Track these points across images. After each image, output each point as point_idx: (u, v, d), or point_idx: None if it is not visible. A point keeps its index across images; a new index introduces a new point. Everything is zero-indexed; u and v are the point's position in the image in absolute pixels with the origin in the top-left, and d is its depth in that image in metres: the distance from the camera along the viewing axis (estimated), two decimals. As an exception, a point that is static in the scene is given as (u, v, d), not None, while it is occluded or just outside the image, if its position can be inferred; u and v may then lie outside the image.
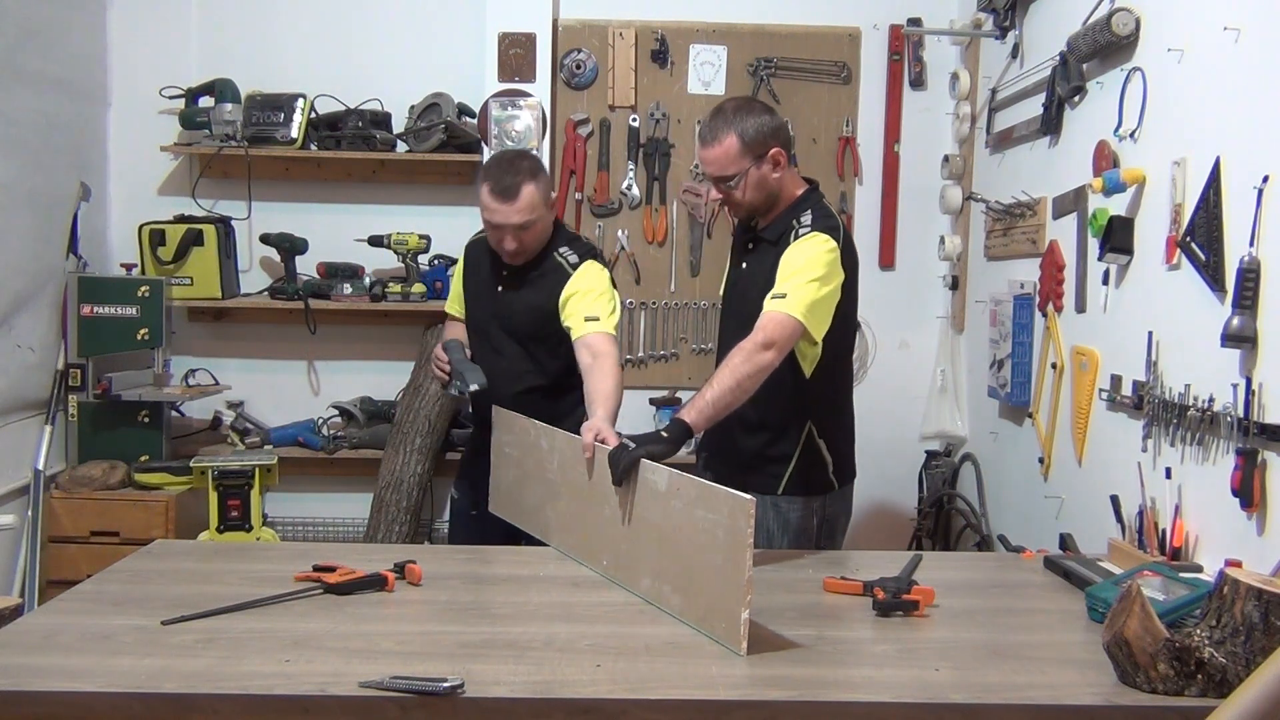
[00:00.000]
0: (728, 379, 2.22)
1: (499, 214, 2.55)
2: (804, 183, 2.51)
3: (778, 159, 2.40)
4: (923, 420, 3.88)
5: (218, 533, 3.15)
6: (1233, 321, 1.99)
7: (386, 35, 3.89)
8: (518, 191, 2.53)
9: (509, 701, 1.59)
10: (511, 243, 2.58)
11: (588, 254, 2.70)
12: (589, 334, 2.54)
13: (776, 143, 2.40)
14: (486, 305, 2.76)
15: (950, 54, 3.86)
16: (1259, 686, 1.36)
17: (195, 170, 3.87)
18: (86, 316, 3.53)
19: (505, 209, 2.54)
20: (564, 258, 2.67)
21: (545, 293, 2.64)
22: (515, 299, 2.70)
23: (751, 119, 2.38)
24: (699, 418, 2.21)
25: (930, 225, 3.89)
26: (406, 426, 3.67)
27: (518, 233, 2.57)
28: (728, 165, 2.38)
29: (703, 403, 2.22)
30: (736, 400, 2.23)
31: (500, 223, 2.56)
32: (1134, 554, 2.27)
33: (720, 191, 2.44)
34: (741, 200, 2.42)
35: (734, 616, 1.76)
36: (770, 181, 2.41)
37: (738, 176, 2.39)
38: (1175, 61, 2.31)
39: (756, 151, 2.37)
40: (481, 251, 2.79)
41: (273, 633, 1.83)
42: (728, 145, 2.37)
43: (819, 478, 2.50)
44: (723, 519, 1.80)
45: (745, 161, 2.37)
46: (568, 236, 2.77)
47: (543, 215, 2.61)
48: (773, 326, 2.25)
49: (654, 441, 2.14)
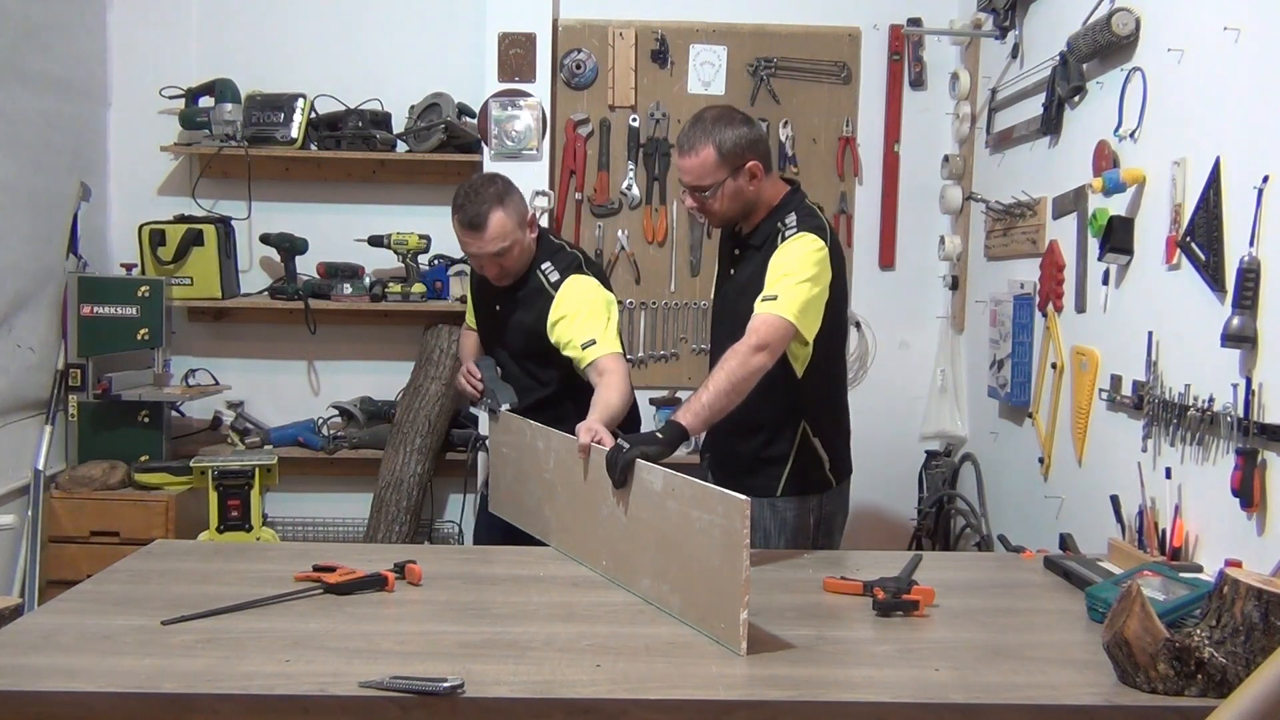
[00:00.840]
0: (723, 381, 2.22)
1: (472, 245, 2.59)
2: (784, 185, 2.50)
3: (754, 171, 2.39)
4: (923, 420, 3.88)
5: (218, 533, 3.15)
6: (1233, 321, 1.99)
7: (386, 35, 3.89)
8: (485, 221, 2.55)
9: (509, 701, 1.59)
10: (493, 269, 2.62)
11: (570, 268, 2.68)
12: (595, 359, 2.53)
13: (754, 155, 2.39)
14: (486, 322, 2.83)
15: (950, 54, 3.86)
16: (1259, 686, 1.36)
17: (195, 170, 3.87)
18: (86, 316, 3.53)
19: (477, 240, 2.57)
20: (545, 276, 2.66)
21: (533, 314, 2.67)
22: (508, 319, 2.74)
23: (730, 130, 2.36)
24: (694, 420, 2.21)
25: (930, 225, 3.89)
26: (406, 426, 3.67)
27: (495, 259, 2.60)
28: (704, 176, 2.38)
29: (698, 405, 2.22)
30: (731, 402, 2.24)
31: (476, 253, 2.60)
32: (1134, 554, 2.27)
33: (695, 200, 2.43)
34: (716, 210, 2.43)
35: (733, 617, 1.76)
36: (746, 193, 2.41)
37: (713, 187, 2.38)
38: (1175, 61, 2.31)
39: (733, 164, 2.37)
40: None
41: (273, 633, 1.83)
42: (704, 156, 2.36)
43: (816, 476, 2.51)
44: (719, 519, 1.80)
45: (722, 173, 2.37)
46: (550, 249, 2.73)
47: (518, 238, 2.61)
48: (765, 329, 2.26)
49: (649, 442, 2.14)
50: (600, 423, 2.31)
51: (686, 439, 2.22)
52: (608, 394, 2.43)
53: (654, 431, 2.20)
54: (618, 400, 2.43)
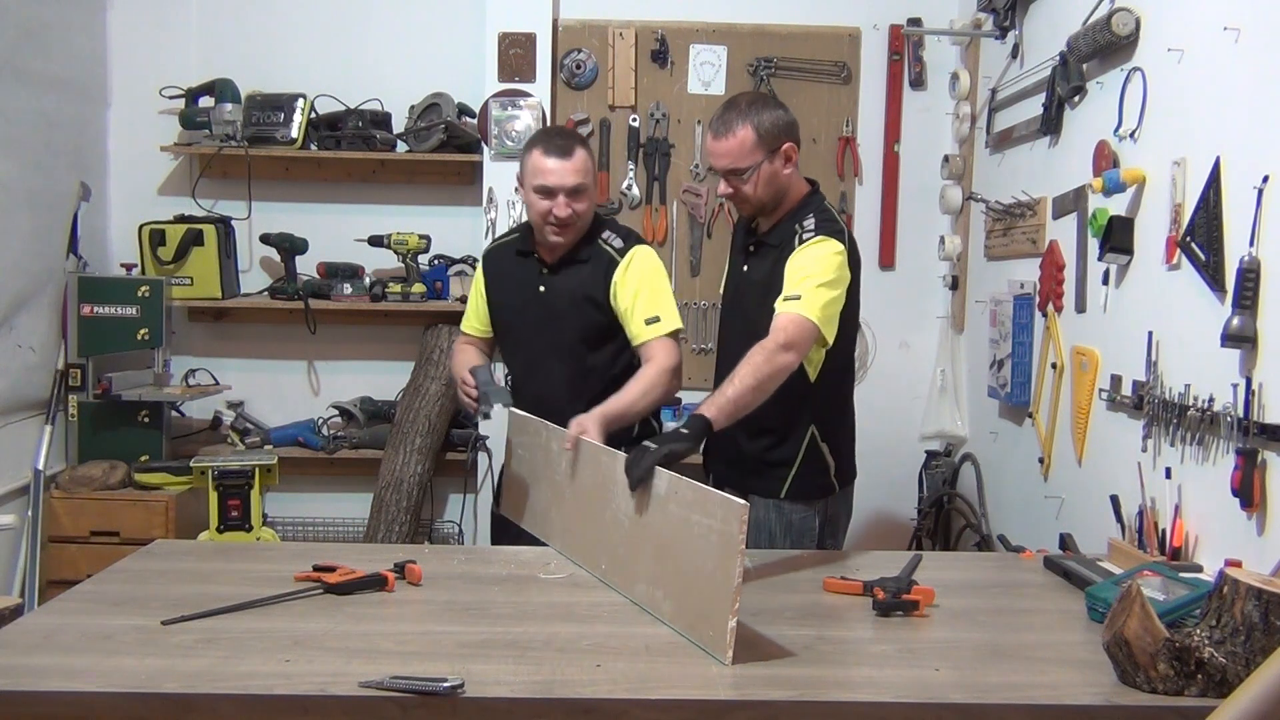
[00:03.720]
0: (749, 378, 2.16)
1: (554, 175, 2.43)
2: (807, 184, 2.50)
3: (789, 154, 2.39)
4: (923, 420, 3.88)
5: (218, 533, 3.14)
6: (1233, 321, 1.99)
7: (386, 35, 3.89)
8: (573, 150, 2.45)
9: (509, 701, 1.59)
10: (565, 209, 2.45)
11: (632, 237, 2.59)
12: (649, 340, 2.48)
13: (789, 138, 2.39)
14: (528, 309, 2.61)
15: (950, 54, 3.86)
16: (1259, 686, 1.36)
17: (195, 170, 3.87)
18: (86, 316, 3.53)
19: (561, 167, 2.43)
20: (608, 244, 2.55)
21: (592, 282, 2.53)
22: (560, 294, 2.55)
23: (767, 112, 2.36)
24: (719, 414, 2.14)
25: (930, 225, 3.89)
26: (406, 426, 3.67)
27: (572, 197, 2.45)
28: (741, 158, 2.34)
29: (723, 399, 2.15)
30: (757, 400, 2.18)
31: (555, 185, 2.43)
32: (1134, 554, 2.27)
33: (730, 185, 2.39)
34: (751, 195, 2.39)
35: (721, 624, 1.72)
36: (781, 177, 2.39)
37: (750, 169, 2.35)
38: (1175, 61, 2.31)
39: (771, 145, 2.36)
40: (507, 257, 2.67)
41: (273, 633, 1.82)
42: (743, 137, 2.33)
43: (821, 480, 2.50)
44: (716, 523, 1.78)
45: (759, 154, 2.35)
46: (608, 222, 2.64)
47: (592, 187, 2.50)
48: (793, 329, 2.22)
49: (676, 440, 2.05)
50: (601, 416, 2.27)
51: (711, 433, 2.14)
52: (632, 389, 2.38)
53: (678, 428, 2.13)
54: (639, 397, 2.38)
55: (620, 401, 2.37)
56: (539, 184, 2.46)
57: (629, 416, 2.40)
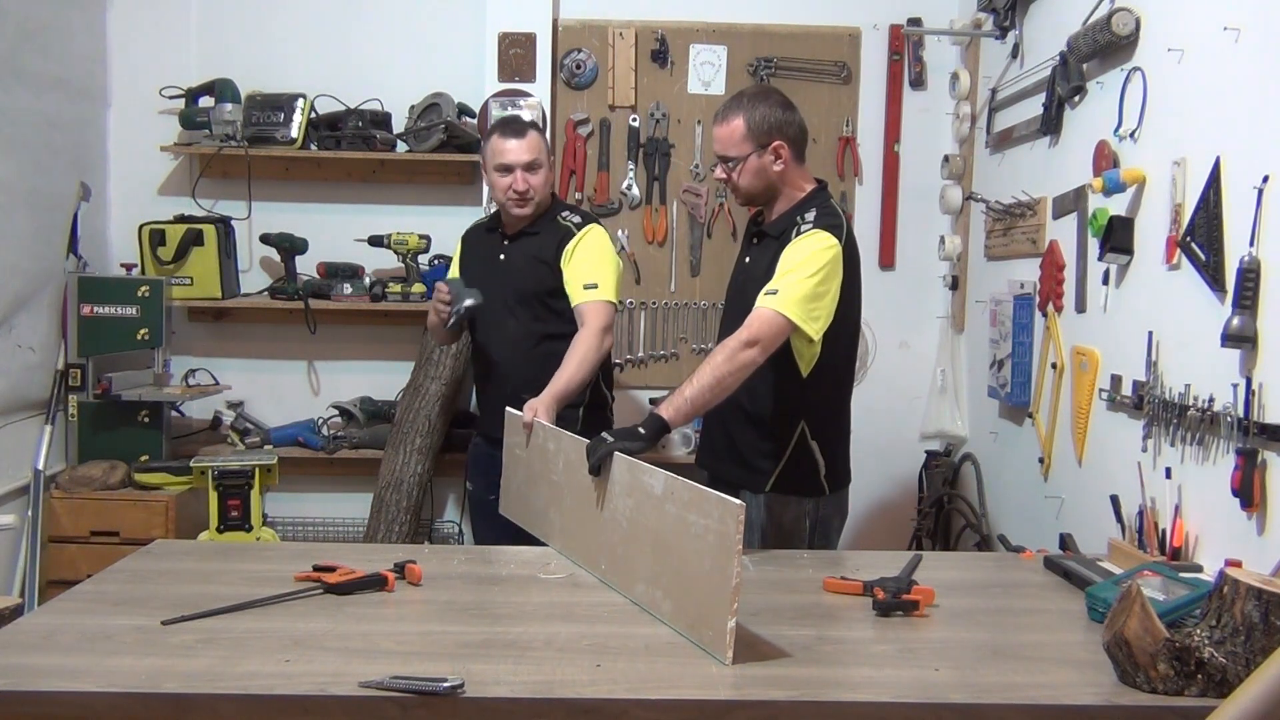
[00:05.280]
0: (707, 376, 2.25)
1: (511, 153, 2.72)
2: (813, 181, 2.51)
3: (779, 152, 2.42)
4: (923, 420, 3.88)
5: (218, 533, 3.15)
6: (1233, 321, 1.99)
7: (386, 35, 3.89)
8: (526, 131, 2.76)
9: (509, 701, 1.59)
10: (522, 183, 2.73)
11: (590, 219, 2.85)
12: (584, 303, 2.70)
13: (781, 137, 2.41)
14: (490, 275, 2.84)
15: (950, 54, 3.86)
16: (1259, 686, 1.36)
17: (195, 170, 3.87)
18: (86, 316, 3.53)
19: (517, 146, 2.72)
20: (567, 220, 2.82)
21: (549, 247, 2.78)
22: (518, 258, 2.82)
23: (762, 108, 2.41)
24: (676, 414, 2.24)
25: (930, 225, 3.89)
26: (406, 426, 3.67)
27: (529, 171, 2.73)
28: (730, 147, 2.44)
29: (680, 399, 2.25)
30: (715, 398, 2.26)
31: (513, 161, 2.72)
32: (1134, 554, 2.27)
33: (723, 170, 2.49)
34: (738, 185, 2.47)
35: (721, 624, 1.73)
36: (769, 173, 2.43)
37: (737, 160, 2.44)
38: (1175, 61, 2.31)
39: (760, 140, 2.41)
40: (478, 233, 2.98)
41: (273, 633, 1.83)
42: (733, 127, 2.43)
43: (809, 479, 2.48)
44: (713, 523, 1.78)
45: (747, 146, 2.42)
46: (570, 205, 2.96)
47: (546, 164, 2.79)
48: (759, 324, 2.27)
49: (631, 438, 2.16)
50: (552, 399, 2.46)
51: (668, 432, 2.25)
52: (571, 358, 2.59)
53: (636, 426, 2.21)
54: (577, 369, 2.58)
55: (561, 378, 2.55)
56: (499, 163, 2.75)
57: (573, 390, 2.58)
